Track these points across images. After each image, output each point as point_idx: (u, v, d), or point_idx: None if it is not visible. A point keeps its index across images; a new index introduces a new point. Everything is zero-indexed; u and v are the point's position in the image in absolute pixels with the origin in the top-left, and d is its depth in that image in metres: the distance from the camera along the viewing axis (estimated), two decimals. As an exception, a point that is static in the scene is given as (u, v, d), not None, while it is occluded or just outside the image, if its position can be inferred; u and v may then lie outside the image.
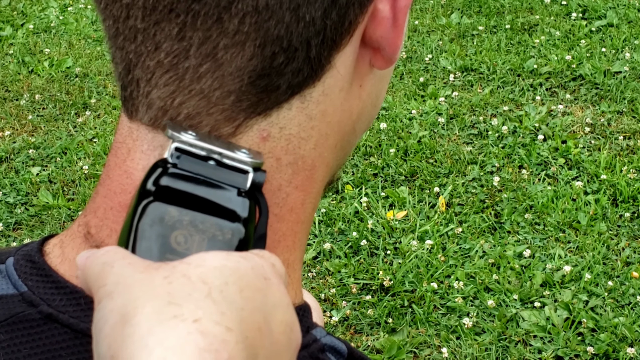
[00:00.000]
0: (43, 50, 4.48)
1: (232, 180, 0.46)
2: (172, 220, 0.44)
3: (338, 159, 0.56)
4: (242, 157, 0.46)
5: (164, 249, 0.44)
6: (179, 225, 0.44)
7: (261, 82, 0.48)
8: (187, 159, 0.46)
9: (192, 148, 0.46)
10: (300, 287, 0.55)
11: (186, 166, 0.46)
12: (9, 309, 0.52)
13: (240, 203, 0.46)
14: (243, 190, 0.46)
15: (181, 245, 0.44)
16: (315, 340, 0.52)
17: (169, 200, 0.45)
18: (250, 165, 0.46)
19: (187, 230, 0.44)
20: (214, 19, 0.46)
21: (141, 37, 0.48)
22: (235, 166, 0.46)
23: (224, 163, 0.46)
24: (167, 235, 0.44)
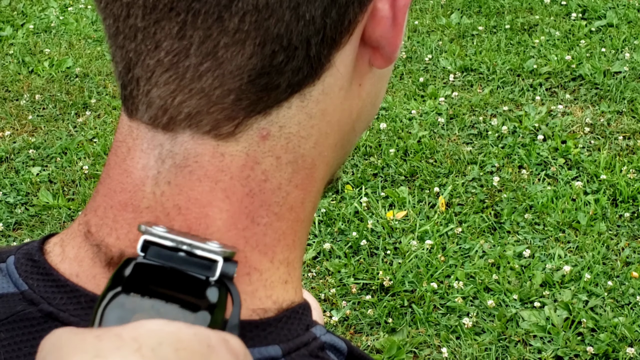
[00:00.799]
0: (43, 51, 4.48)
1: (200, 270, 0.46)
2: (133, 305, 0.45)
3: (338, 158, 0.57)
4: (212, 247, 0.47)
5: None
6: (139, 309, 0.45)
7: (261, 81, 0.48)
8: (155, 250, 0.47)
9: (160, 240, 0.47)
10: (300, 286, 0.55)
11: (154, 256, 0.47)
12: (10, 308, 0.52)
13: (206, 292, 0.46)
14: (212, 280, 0.46)
15: None
16: (315, 338, 0.52)
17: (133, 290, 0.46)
18: (220, 255, 0.47)
19: (148, 314, 0.45)
20: (214, 18, 0.46)
21: (141, 35, 0.48)
22: (205, 256, 0.47)
23: (194, 253, 0.47)
24: (127, 319, 0.44)
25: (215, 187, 0.50)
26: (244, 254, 0.51)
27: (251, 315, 0.50)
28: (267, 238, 0.52)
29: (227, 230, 0.50)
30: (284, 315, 0.52)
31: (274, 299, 0.52)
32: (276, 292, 0.52)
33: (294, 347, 0.50)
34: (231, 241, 0.50)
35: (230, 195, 0.50)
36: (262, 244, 0.51)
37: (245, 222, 0.51)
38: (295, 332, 0.51)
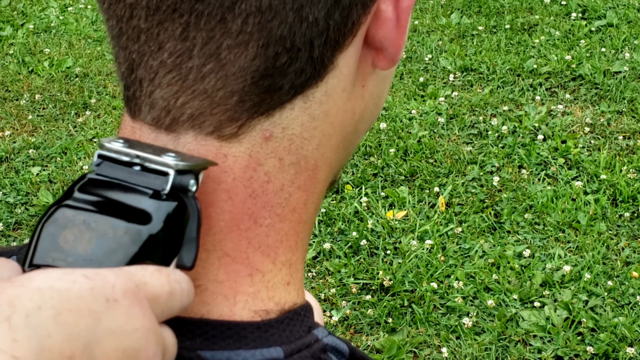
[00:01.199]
0: (43, 50, 4.48)
1: (150, 183, 0.45)
2: (65, 220, 0.44)
3: (340, 159, 0.57)
4: (166, 160, 0.45)
5: (50, 247, 0.43)
6: (70, 224, 0.43)
7: (264, 83, 0.48)
8: (108, 165, 0.46)
9: (115, 154, 0.46)
10: (302, 287, 0.55)
11: (104, 172, 0.46)
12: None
13: (151, 204, 0.44)
14: (163, 193, 0.45)
15: (68, 244, 0.43)
16: (317, 340, 0.52)
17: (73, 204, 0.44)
18: (174, 168, 0.45)
19: (78, 229, 0.43)
20: (218, 19, 0.46)
21: (144, 37, 0.48)
22: (157, 169, 0.45)
23: (147, 167, 0.45)
24: (57, 234, 0.43)
25: (217, 188, 0.50)
26: (246, 255, 0.51)
27: (253, 317, 0.50)
28: (269, 239, 0.52)
29: (229, 231, 0.50)
30: (285, 317, 0.52)
31: (276, 300, 0.52)
32: (278, 294, 0.52)
33: (295, 348, 0.50)
34: (233, 242, 0.50)
35: (232, 197, 0.50)
36: (265, 245, 0.51)
37: (248, 223, 0.51)
38: (297, 333, 0.51)
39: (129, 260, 0.43)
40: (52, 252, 0.43)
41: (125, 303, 0.40)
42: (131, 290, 0.41)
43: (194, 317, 0.49)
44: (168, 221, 0.44)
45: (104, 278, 0.40)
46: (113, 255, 0.43)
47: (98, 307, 0.39)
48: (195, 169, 0.47)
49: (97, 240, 0.43)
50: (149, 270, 0.42)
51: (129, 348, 0.40)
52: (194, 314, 0.49)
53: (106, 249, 0.43)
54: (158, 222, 0.44)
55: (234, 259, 0.50)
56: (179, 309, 0.44)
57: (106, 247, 0.43)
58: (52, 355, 0.37)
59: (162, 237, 0.44)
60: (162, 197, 0.45)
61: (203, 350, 0.48)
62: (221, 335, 0.49)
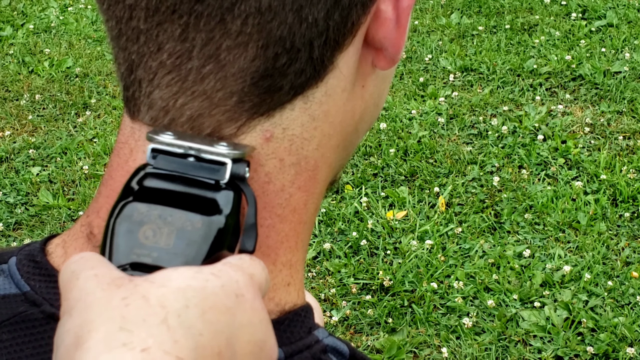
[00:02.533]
0: (43, 50, 4.48)
1: (210, 174, 0.46)
2: (140, 216, 0.45)
3: (340, 159, 0.57)
4: (220, 150, 0.46)
5: (131, 244, 0.44)
6: (147, 220, 0.44)
7: (264, 83, 0.48)
8: (164, 158, 0.47)
9: (168, 147, 0.47)
10: (302, 288, 0.55)
11: (162, 165, 0.47)
12: (12, 309, 0.52)
13: (217, 195, 0.46)
14: (223, 183, 0.46)
15: (149, 239, 0.44)
16: (318, 341, 0.52)
17: (142, 199, 0.45)
18: (229, 157, 0.46)
19: (156, 224, 0.44)
20: (217, 20, 0.46)
21: (144, 38, 0.48)
22: (214, 159, 0.46)
23: (203, 158, 0.46)
24: (135, 231, 0.44)
25: None
26: None
27: (253, 317, 0.50)
28: (269, 240, 0.52)
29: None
30: (286, 318, 0.52)
31: (276, 301, 0.52)
32: (279, 295, 0.52)
33: (296, 349, 0.50)
34: None
35: None
36: (265, 246, 0.51)
37: (248, 224, 0.50)
38: (298, 334, 0.51)
39: (209, 250, 0.44)
40: (135, 248, 0.44)
41: (249, 297, 0.42)
42: (250, 283, 0.42)
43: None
44: (234, 210, 0.46)
45: (227, 274, 0.41)
46: (195, 247, 0.44)
47: (231, 304, 0.40)
48: (245, 156, 0.48)
49: (177, 234, 0.44)
50: (249, 261, 0.44)
51: (259, 339, 0.41)
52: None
53: (187, 242, 0.44)
54: (225, 211, 0.45)
55: (234, 259, 0.50)
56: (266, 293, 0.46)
57: (187, 239, 0.44)
58: (205, 352, 0.38)
59: (230, 225, 0.46)
60: (222, 186, 0.46)
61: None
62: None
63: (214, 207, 0.45)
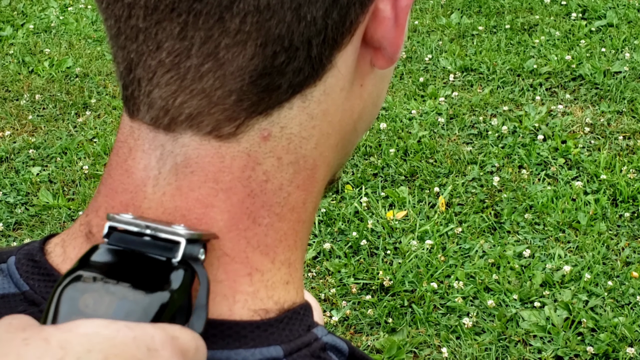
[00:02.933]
0: (43, 50, 4.48)
1: (162, 252, 0.47)
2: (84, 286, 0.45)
3: (339, 158, 0.57)
4: (176, 229, 0.47)
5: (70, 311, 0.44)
6: (89, 289, 0.44)
7: (262, 82, 0.48)
8: (119, 235, 0.47)
9: (125, 225, 0.47)
10: (301, 286, 0.55)
11: (116, 241, 0.47)
12: (11, 308, 0.52)
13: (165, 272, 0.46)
14: (175, 262, 0.46)
15: (89, 308, 0.44)
16: (317, 338, 0.52)
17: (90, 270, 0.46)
18: (184, 237, 0.47)
19: (98, 294, 0.44)
20: (216, 19, 0.46)
21: (143, 36, 0.48)
22: (168, 238, 0.47)
23: (158, 237, 0.47)
24: (76, 299, 0.44)
25: (216, 187, 0.50)
26: (245, 255, 0.51)
27: (252, 316, 0.50)
28: (268, 239, 0.52)
29: (228, 231, 0.50)
30: (285, 316, 0.52)
31: (275, 299, 0.52)
32: (277, 293, 0.52)
33: (295, 347, 0.50)
34: (232, 241, 0.50)
35: (231, 196, 0.50)
36: (264, 244, 0.51)
37: (247, 223, 0.51)
38: (297, 332, 0.51)
39: None
40: (72, 315, 0.44)
41: (165, 354, 0.41)
42: (168, 342, 0.42)
43: (194, 317, 0.49)
44: (182, 288, 0.46)
45: (144, 329, 0.41)
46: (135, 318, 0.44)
47: (141, 356, 0.40)
48: (204, 239, 0.48)
49: (118, 303, 0.44)
50: (177, 326, 0.44)
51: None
52: (193, 313, 0.49)
53: (127, 312, 0.44)
54: (174, 288, 0.46)
55: (233, 258, 0.50)
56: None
57: (127, 309, 0.44)
58: None
59: (176, 303, 0.46)
60: (174, 265, 0.46)
61: (202, 349, 0.48)
62: (221, 334, 0.49)
63: (161, 284, 0.45)
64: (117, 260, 0.46)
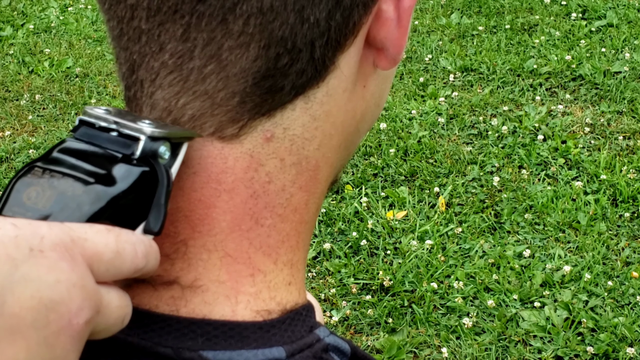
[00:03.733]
0: (43, 51, 4.48)
1: (121, 148, 0.46)
2: (32, 179, 0.45)
3: (341, 159, 0.57)
4: (140, 126, 0.46)
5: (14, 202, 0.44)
6: (35, 182, 0.45)
7: (265, 83, 0.48)
8: (86, 130, 0.47)
9: (93, 119, 0.47)
10: (303, 287, 0.55)
11: (81, 135, 0.47)
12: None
13: (119, 168, 0.45)
14: (133, 158, 0.45)
15: (31, 200, 0.44)
16: (319, 339, 0.52)
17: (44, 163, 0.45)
18: (146, 134, 0.45)
19: (41, 187, 0.44)
20: (219, 20, 0.46)
21: (145, 38, 0.48)
22: (130, 134, 0.46)
23: (123, 133, 0.46)
24: (22, 191, 0.44)
25: (219, 188, 0.50)
26: (247, 256, 0.51)
27: (255, 317, 0.50)
28: (271, 239, 0.52)
29: (231, 231, 0.50)
30: (287, 317, 0.52)
31: (277, 300, 0.52)
32: (280, 294, 0.52)
33: (297, 348, 0.50)
34: (235, 242, 0.50)
35: (234, 197, 0.50)
36: (266, 245, 0.52)
37: (249, 224, 0.51)
38: (299, 333, 0.51)
39: (87, 219, 0.43)
40: (14, 206, 0.44)
41: (52, 255, 0.40)
42: (63, 244, 0.40)
43: (196, 318, 0.49)
44: (135, 186, 0.45)
45: (34, 229, 0.40)
46: (69, 212, 0.43)
47: (18, 255, 0.39)
48: (172, 137, 0.47)
49: (56, 197, 0.44)
50: (95, 228, 0.42)
51: (47, 298, 0.39)
52: (195, 314, 0.49)
53: (63, 206, 0.43)
54: (122, 185, 0.44)
55: (236, 259, 0.50)
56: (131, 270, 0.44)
57: (63, 204, 0.44)
58: None
59: (127, 200, 0.45)
60: (132, 162, 0.45)
61: (205, 350, 0.48)
62: (223, 335, 0.49)
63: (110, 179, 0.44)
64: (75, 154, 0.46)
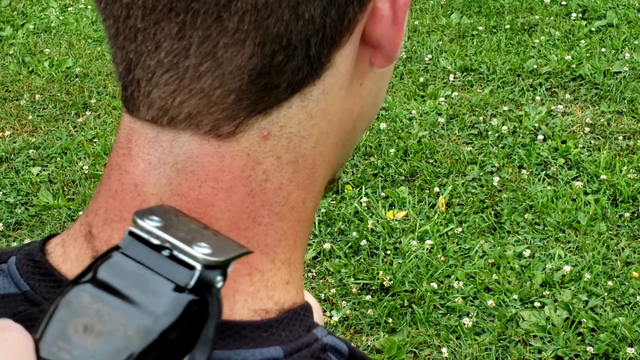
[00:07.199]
0: (43, 51, 4.48)
1: (174, 275, 0.43)
2: (79, 306, 0.42)
3: (339, 158, 0.57)
4: (195, 252, 0.43)
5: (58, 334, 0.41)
6: (83, 313, 0.42)
7: (261, 81, 0.48)
8: (136, 245, 0.44)
9: (145, 235, 0.44)
10: (301, 286, 0.55)
11: (132, 253, 0.44)
12: (11, 308, 0.52)
13: (170, 299, 0.42)
14: (185, 288, 0.43)
15: (78, 335, 0.41)
16: (317, 339, 0.52)
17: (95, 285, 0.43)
18: (201, 262, 0.43)
19: (90, 320, 0.41)
20: (214, 18, 0.46)
21: (141, 36, 0.48)
22: (184, 261, 0.43)
23: (174, 256, 0.43)
24: (67, 321, 0.41)
25: (216, 187, 0.50)
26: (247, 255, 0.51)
27: (252, 316, 0.50)
28: (268, 238, 0.52)
29: (228, 230, 0.50)
30: (285, 317, 0.52)
31: (275, 299, 0.52)
32: (277, 293, 0.52)
33: (295, 348, 0.50)
34: None
35: (231, 195, 0.50)
36: (264, 244, 0.51)
37: (247, 223, 0.50)
38: (297, 333, 0.51)
39: None
40: (59, 340, 0.41)
41: None
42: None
43: (193, 317, 0.49)
44: (183, 316, 0.42)
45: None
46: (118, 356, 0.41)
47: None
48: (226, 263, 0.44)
49: (106, 337, 0.41)
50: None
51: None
52: (192, 313, 0.49)
53: (112, 349, 0.41)
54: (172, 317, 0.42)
55: (233, 258, 0.50)
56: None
57: (113, 346, 0.41)
58: None
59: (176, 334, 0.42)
60: (184, 292, 0.43)
61: (202, 349, 0.48)
62: (221, 334, 0.49)
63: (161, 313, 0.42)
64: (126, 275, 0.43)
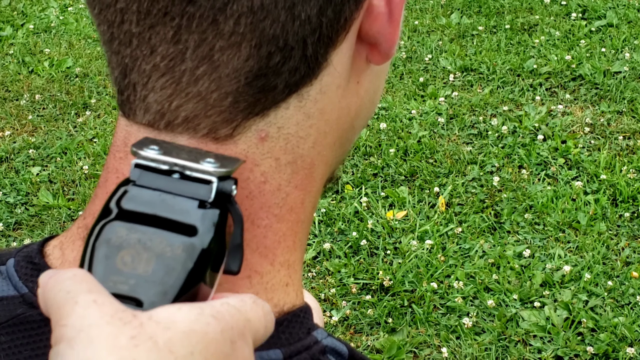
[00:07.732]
0: (43, 50, 4.48)
1: (194, 193, 0.44)
2: (119, 240, 0.43)
3: (337, 157, 0.56)
4: (206, 167, 0.45)
5: (109, 271, 0.42)
6: (126, 244, 0.43)
7: (258, 83, 0.48)
8: (148, 175, 0.45)
9: (153, 163, 0.45)
10: (301, 288, 0.55)
11: (145, 182, 0.45)
12: (10, 311, 0.52)
13: (200, 215, 0.44)
14: (207, 202, 0.44)
15: (127, 265, 0.42)
16: (317, 341, 0.52)
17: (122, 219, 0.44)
18: (215, 175, 0.45)
19: (135, 249, 0.43)
20: (209, 21, 0.46)
21: (136, 41, 0.48)
22: (199, 177, 0.45)
23: (187, 175, 0.45)
24: (112, 257, 0.42)
25: None
26: (244, 257, 0.50)
27: (252, 319, 0.50)
28: (267, 240, 0.51)
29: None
30: (285, 319, 0.52)
31: (275, 302, 0.52)
32: (277, 295, 0.52)
33: (295, 350, 0.50)
34: None
35: None
36: (263, 246, 0.51)
37: (245, 225, 0.50)
38: (297, 335, 0.51)
39: (187, 276, 0.43)
40: (112, 275, 0.42)
41: (241, 345, 0.41)
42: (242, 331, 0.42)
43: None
44: (216, 230, 0.44)
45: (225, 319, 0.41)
46: (173, 274, 0.42)
47: (228, 350, 0.40)
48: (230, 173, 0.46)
49: (156, 260, 0.43)
50: (248, 303, 0.43)
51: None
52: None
53: (166, 269, 0.42)
54: (209, 232, 0.44)
55: (232, 260, 0.50)
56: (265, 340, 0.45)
57: (166, 266, 0.43)
58: None
59: (212, 246, 0.44)
60: (206, 206, 0.44)
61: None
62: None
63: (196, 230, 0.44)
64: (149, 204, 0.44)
